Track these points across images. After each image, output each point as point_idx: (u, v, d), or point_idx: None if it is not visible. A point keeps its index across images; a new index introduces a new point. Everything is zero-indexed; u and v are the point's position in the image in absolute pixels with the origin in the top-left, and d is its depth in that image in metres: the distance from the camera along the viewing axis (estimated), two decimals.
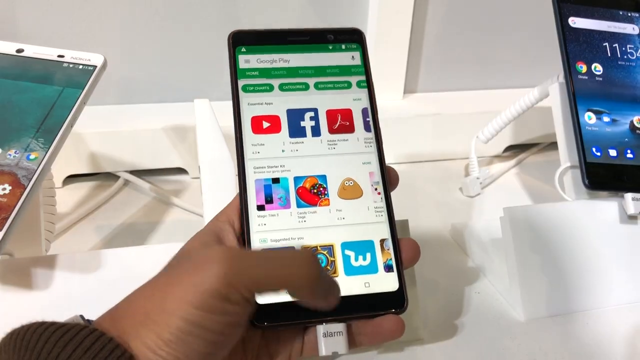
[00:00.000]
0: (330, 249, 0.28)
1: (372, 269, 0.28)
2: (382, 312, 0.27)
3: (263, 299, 0.26)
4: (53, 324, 0.22)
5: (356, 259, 0.28)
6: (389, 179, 0.30)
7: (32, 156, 0.34)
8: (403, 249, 0.29)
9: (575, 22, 0.46)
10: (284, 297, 0.25)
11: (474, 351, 0.37)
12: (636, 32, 0.48)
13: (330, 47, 0.31)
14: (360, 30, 0.32)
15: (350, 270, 0.28)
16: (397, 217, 0.31)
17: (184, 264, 0.23)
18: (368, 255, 0.28)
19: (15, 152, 0.34)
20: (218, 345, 0.22)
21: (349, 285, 0.27)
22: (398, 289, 0.28)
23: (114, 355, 0.21)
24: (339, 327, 0.26)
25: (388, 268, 0.28)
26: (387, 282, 0.28)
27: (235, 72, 0.30)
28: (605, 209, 0.43)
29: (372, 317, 0.27)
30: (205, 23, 0.60)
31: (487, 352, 0.37)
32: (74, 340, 0.21)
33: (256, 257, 0.23)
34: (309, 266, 0.22)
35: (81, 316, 0.24)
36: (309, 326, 0.27)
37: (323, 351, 0.26)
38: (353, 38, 0.32)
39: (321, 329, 0.26)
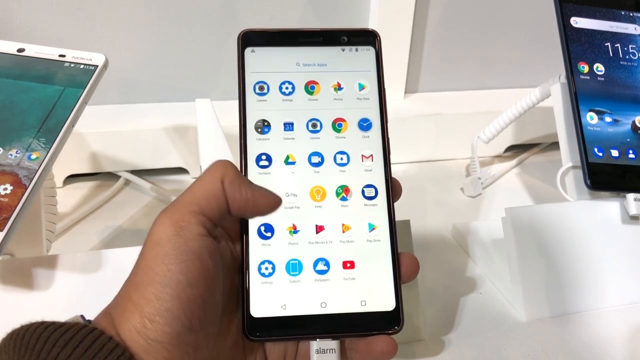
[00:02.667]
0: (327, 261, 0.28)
1: (369, 286, 0.27)
2: (376, 332, 0.26)
3: (257, 313, 0.26)
4: (53, 323, 0.22)
5: (354, 274, 0.27)
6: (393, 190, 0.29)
7: (34, 156, 0.34)
8: (402, 264, 0.28)
9: (577, 22, 0.46)
10: (278, 311, 0.26)
11: (475, 351, 0.37)
12: (638, 32, 0.48)
13: (343, 50, 0.30)
14: (375, 31, 0.30)
15: (347, 286, 0.27)
16: (398, 217, 0.31)
17: (144, 244, 0.24)
18: (368, 270, 0.27)
19: (16, 152, 0.34)
20: (195, 306, 0.23)
21: (345, 303, 0.26)
22: (394, 308, 0.27)
23: (114, 355, 0.21)
24: (332, 344, 0.26)
25: (387, 286, 0.27)
26: (384, 301, 0.27)
27: (243, 72, 0.29)
28: (607, 209, 0.43)
29: (366, 335, 0.26)
30: (206, 23, 0.60)
31: (488, 353, 0.37)
32: (74, 340, 0.21)
33: (186, 192, 0.26)
34: (219, 161, 0.26)
35: (82, 316, 0.24)
36: (303, 341, 0.27)
37: None
38: (367, 40, 0.30)
39: (314, 345, 0.26)
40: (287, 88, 0.30)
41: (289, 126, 0.29)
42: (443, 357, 0.37)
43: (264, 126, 0.29)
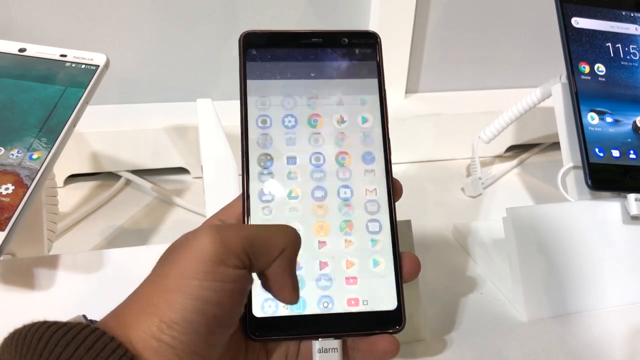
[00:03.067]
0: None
1: (372, 285, 0.27)
2: (378, 332, 0.26)
3: (260, 313, 0.26)
4: (55, 323, 0.21)
5: (357, 274, 0.27)
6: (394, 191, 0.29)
7: (35, 156, 0.34)
8: (404, 263, 0.28)
9: (578, 22, 0.46)
10: (281, 311, 0.26)
11: (475, 351, 0.37)
12: (639, 32, 0.48)
13: (344, 51, 0.30)
14: (376, 33, 0.30)
15: (350, 286, 0.27)
16: (399, 217, 0.31)
17: (179, 247, 0.23)
18: (369, 271, 0.27)
19: (18, 152, 0.34)
20: (217, 323, 0.22)
21: (347, 302, 0.27)
22: (396, 307, 0.27)
23: (116, 355, 0.21)
24: (335, 343, 0.26)
25: (389, 285, 0.27)
26: (385, 301, 0.27)
27: (245, 74, 0.29)
28: (608, 209, 0.43)
29: (369, 335, 0.26)
30: (206, 22, 0.60)
31: (489, 353, 0.37)
32: (76, 340, 0.21)
33: (247, 225, 0.25)
34: (294, 233, 0.25)
35: (84, 316, 0.24)
36: (305, 340, 0.27)
37: None
38: (368, 42, 0.30)
39: (317, 344, 0.26)
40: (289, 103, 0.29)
41: (292, 160, 0.29)
42: (444, 357, 0.37)
43: (267, 160, 0.28)
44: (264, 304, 0.26)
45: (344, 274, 0.27)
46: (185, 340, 0.21)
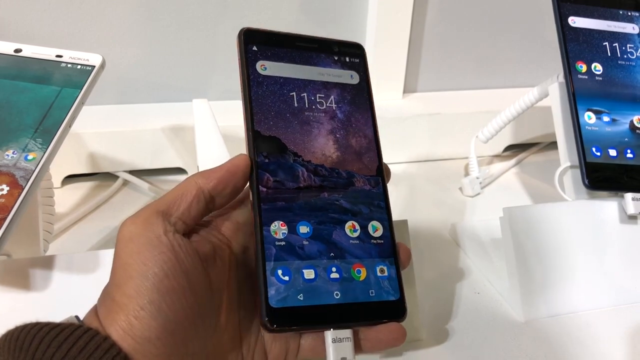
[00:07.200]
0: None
1: (376, 276, 0.29)
2: (385, 320, 0.28)
3: (276, 303, 0.26)
4: (47, 324, 0.22)
5: (363, 265, 0.29)
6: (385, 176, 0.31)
7: (30, 156, 0.34)
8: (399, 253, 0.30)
9: (575, 21, 0.46)
10: (296, 301, 0.26)
11: (473, 352, 0.37)
12: (636, 31, 0.48)
13: (336, 58, 0.33)
14: (361, 45, 0.34)
15: (357, 278, 0.28)
16: (396, 217, 0.31)
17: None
18: (374, 262, 0.29)
19: (13, 153, 0.34)
20: (175, 295, 0.23)
21: (356, 292, 0.28)
22: (399, 297, 0.29)
23: (109, 355, 0.21)
24: (347, 333, 0.27)
25: (391, 277, 0.29)
26: (389, 291, 0.29)
27: (247, 68, 0.30)
28: (605, 209, 0.43)
29: (376, 324, 0.28)
30: (204, 22, 0.60)
31: (487, 353, 0.37)
32: (69, 340, 0.21)
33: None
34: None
35: (76, 317, 0.24)
36: (318, 331, 0.28)
37: (332, 357, 0.26)
38: (355, 52, 0.33)
39: (330, 334, 0.27)
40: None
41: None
42: (440, 357, 0.37)
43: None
44: (280, 295, 0.26)
45: (351, 265, 0.28)
46: (156, 325, 0.22)
